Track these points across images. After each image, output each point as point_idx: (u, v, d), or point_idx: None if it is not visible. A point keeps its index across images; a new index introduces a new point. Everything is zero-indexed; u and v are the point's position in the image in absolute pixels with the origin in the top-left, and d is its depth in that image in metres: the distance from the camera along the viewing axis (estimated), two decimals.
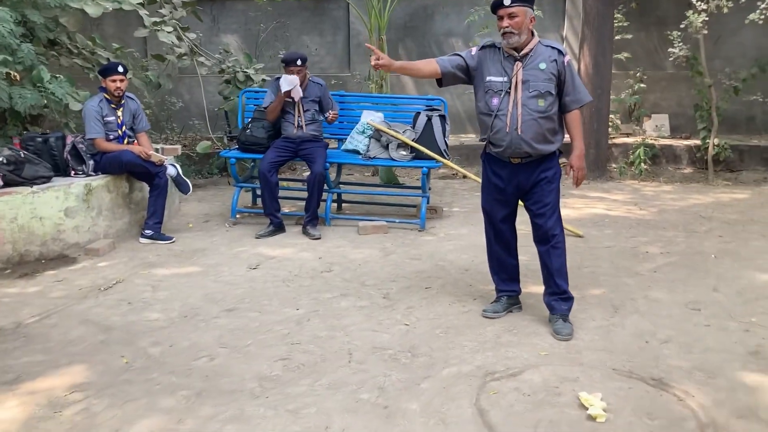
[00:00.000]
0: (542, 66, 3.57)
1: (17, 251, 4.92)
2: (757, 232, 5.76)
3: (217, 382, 3.16)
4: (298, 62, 5.66)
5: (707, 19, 7.96)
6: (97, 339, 3.65)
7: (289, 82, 5.59)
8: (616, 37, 8.75)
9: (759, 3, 7.96)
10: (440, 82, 3.81)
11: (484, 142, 3.79)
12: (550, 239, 3.70)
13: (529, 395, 3.02)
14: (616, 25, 8.64)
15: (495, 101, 3.61)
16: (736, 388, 3.07)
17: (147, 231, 5.47)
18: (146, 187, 5.67)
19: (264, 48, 9.45)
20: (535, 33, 3.65)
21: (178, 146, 6.76)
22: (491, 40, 3.74)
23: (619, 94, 9.26)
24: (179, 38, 7.34)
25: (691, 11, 8.03)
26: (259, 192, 6.41)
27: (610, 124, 8.79)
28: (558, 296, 3.74)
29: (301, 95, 5.72)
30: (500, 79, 3.61)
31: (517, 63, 3.59)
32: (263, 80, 7.89)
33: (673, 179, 8.27)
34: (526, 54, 3.59)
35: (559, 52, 3.61)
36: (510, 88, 3.57)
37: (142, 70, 7.74)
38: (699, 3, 7.98)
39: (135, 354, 3.46)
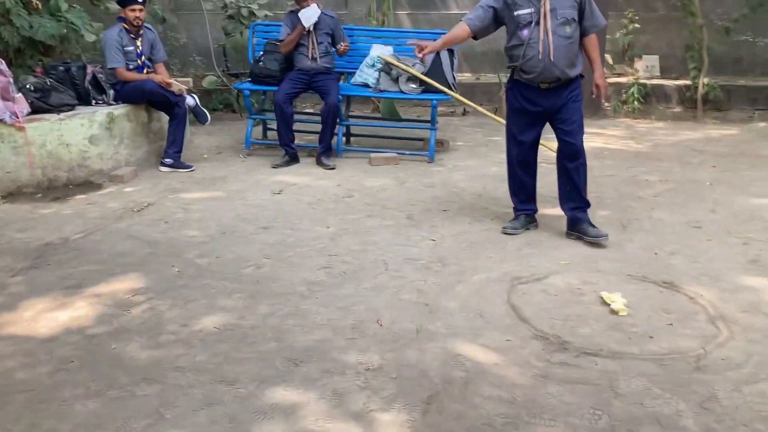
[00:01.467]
0: None
1: (46, 176, 5.09)
2: (747, 163, 6.08)
3: (268, 286, 3.42)
4: None
5: None
6: (144, 252, 3.88)
7: (309, 16, 5.71)
8: None
9: None
10: (476, 38, 4.03)
11: (510, 70, 4.02)
12: (579, 156, 3.99)
13: (555, 295, 3.33)
14: None
15: (525, 32, 3.83)
16: (740, 290, 3.40)
17: (167, 159, 5.64)
18: (164, 118, 5.81)
19: None
20: None
21: (189, 79, 6.86)
22: None
23: (614, 35, 9.45)
24: None
25: None
26: (270, 125, 6.57)
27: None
28: (582, 209, 4.07)
29: (313, 24, 5.83)
30: (528, 10, 3.83)
31: None
32: (266, 15, 7.95)
33: (664, 117, 8.55)
34: None
35: None
36: (539, 18, 3.79)
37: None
38: None
39: (184, 264, 3.71)
